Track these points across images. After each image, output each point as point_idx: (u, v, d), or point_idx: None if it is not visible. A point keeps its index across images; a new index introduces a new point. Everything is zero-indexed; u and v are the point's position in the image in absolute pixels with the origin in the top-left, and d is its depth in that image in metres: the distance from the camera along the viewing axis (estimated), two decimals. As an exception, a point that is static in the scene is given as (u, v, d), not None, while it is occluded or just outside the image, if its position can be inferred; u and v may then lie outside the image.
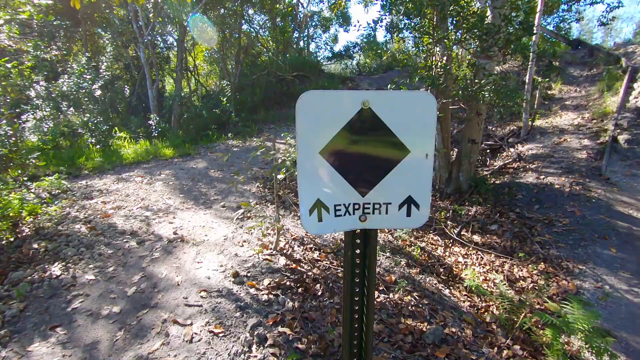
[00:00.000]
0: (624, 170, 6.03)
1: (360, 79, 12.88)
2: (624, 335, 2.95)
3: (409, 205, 1.00)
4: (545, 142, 7.28)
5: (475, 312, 3.12)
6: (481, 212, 5.49)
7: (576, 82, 9.24)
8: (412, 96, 0.95)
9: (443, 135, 6.20)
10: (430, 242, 4.58)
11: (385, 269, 3.46)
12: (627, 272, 3.85)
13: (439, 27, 4.75)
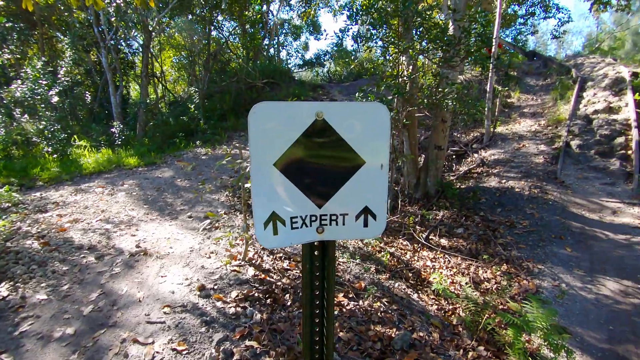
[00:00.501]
0: (577, 174, 6.44)
1: (331, 87, 13.02)
2: (578, 330, 3.12)
3: (365, 215, 1.00)
4: (506, 147, 7.64)
5: (442, 315, 3.19)
6: (448, 216, 5.66)
7: (533, 91, 9.81)
8: (366, 107, 0.96)
9: (410, 142, 6.37)
10: (399, 247, 4.65)
11: (355, 275, 3.47)
12: (581, 270, 4.08)
13: (404, 37, 4.89)
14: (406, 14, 4.25)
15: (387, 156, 0.97)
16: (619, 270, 4.03)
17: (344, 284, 3.25)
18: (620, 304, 3.47)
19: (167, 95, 14.78)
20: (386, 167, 0.97)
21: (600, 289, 3.73)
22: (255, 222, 0.92)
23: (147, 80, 10.70)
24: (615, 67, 8.97)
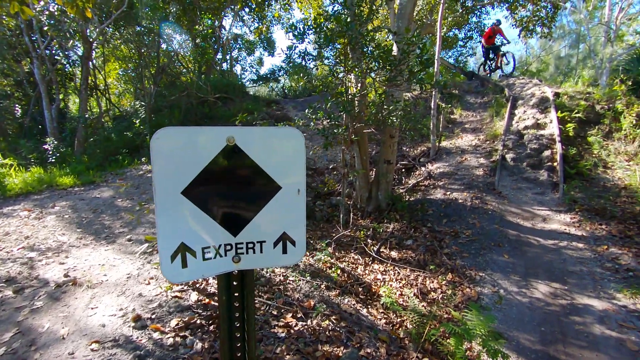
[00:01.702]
0: (512, 184, 6.97)
1: (285, 102, 13.07)
2: (515, 334, 3.30)
3: (284, 242, 0.98)
4: (450, 161, 8.10)
5: (390, 329, 3.22)
6: (398, 229, 5.82)
7: (473, 108, 10.56)
8: (280, 132, 0.95)
9: (361, 157, 6.52)
10: (351, 262, 4.68)
11: (305, 294, 3.42)
12: (517, 275, 4.37)
13: (350, 57, 5.06)
14: (350, 35, 4.40)
15: (303, 181, 0.96)
16: (549, 273, 4.37)
17: (292, 304, 3.18)
18: (550, 306, 3.74)
19: (112, 110, 13.96)
20: (303, 192, 0.96)
21: (534, 293, 4.00)
22: (160, 256, 0.86)
23: (87, 93, 10.03)
24: (540, 87, 9.96)
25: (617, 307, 3.66)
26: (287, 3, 11.90)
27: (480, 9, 14.25)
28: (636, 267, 4.38)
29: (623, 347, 3.09)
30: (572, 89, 9.68)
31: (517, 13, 12.02)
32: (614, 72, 10.20)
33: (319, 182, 7.50)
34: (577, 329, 3.36)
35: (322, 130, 4.74)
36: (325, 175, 7.72)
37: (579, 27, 18.15)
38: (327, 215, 6.49)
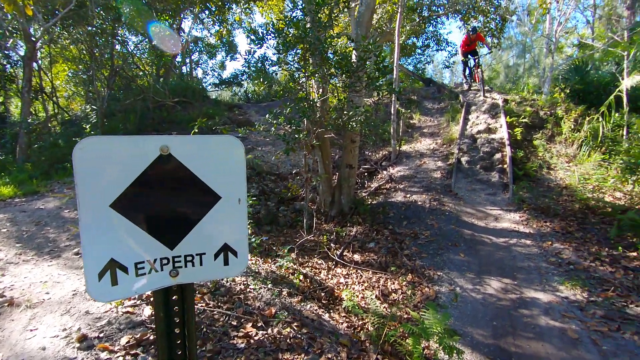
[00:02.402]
0: (467, 186, 7.32)
1: (248, 107, 12.91)
2: (469, 330, 3.45)
3: (225, 253, 0.95)
4: (410, 164, 8.37)
5: (352, 333, 3.25)
6: (361, 232, 5.90)
7: (430, 114, 11.01)
8: (218, 140, 0.93)
9: (324, 162, 6.57)
10: (314, 267, 4.68)
11: (266, 302, 3.37)
12: (472, 273, 4.58)
13: (310, 62, 5.09)
14: (309, 41, 4.44)
15: (244, 190, 0.94)
16: (500, 270, 4.62)
17: (253, 313, 3.12)
18: (501, 301, 3.96)
19: (61, 114, 13.05)
20: (244, 201, 0.95)
21: (487, 289, 4.21)
22: (86, 274, 0.80)
23: (30, 96, 9.31)
24: (491, 94, 10.60)
25: (559, 299, 3.94)
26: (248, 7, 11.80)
27: (436, 19, 14.94)
28: (576, 261, 4.75)
29: (565, 336, 3.33)
30: (519, 96, 10.39)
31: (470, 24, 12.70)
32: (555, 81, 11.07)
33: (283, 187, 7.46)
34: (525, 321, 3.57)
35: (283, 135, 4.72)
36: (288, 180, 7.69)
37: (525, 38, 19.58)
38: (291, 221, 6.46)
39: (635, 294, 3.98)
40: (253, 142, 9.49)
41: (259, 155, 8.50)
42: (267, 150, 8.97)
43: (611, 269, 4.56)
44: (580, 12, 16.17)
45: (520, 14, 17.25)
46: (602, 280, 4.27)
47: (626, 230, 5.24)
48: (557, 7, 12.18)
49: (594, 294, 3.99)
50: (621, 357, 3.03)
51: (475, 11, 12.26)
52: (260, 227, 5.99)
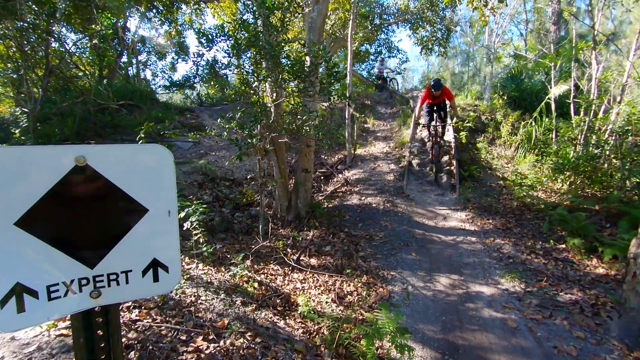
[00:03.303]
0: (418, 188, 7.65)
1: (201, 110, 12.49)
2: (420, 326, 3.58)
3: (155, 269, 0.90)
4: (365, 167, 8.58)
5: (307, 338, 3.24)
6: (317, 235, 5.92)
7: (383, 118, 11.39)
8: (143, 150, 0.88)
9: (280, 166, 6.52)
10: (270, 273, 4.61)
11: (219, 313, 3.25)
12: (423, 271, 4.77)
13: (263, 66, 5.04)
14: (260, 45, 4.39)
15: (174, 201, 0.90)
16: (448, 266, 4.86)
17: (204, 325, 2.99)
18: (450, 296, 4.16)
19: (-15, 117, 11.71)
20: (174, 213, 0.90)
21: (437, 286, 4.40)
22: (-17, 302, 0.71)
23: (-54, 97, 8.25)
24: (439, 100, 11.19)
25: (501, 291, 4.23)
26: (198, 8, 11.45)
27: (387, 27, 15.52)
28: (515, 255, 5.13)
29: (505, 326, 3.57)
30: (463, 102, 11.08)
31: (418, 33, 13.34)
32: (495, 88, 11.98)
33: (238, 193, 7.29)
34: (470, 314, 3.79)
35: (235, 140, 4.62)
36: (244, 185, 7.53)
37: (468, 48, 20.98)
38: (247, 227, 6.32)
39: (564, 283, 4.38)
40: (206, 146, 9.19)
41: (213, 161, 8.25)
42: (221, 155, 8.73)
43: (544, 260, 4.99)
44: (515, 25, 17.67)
45: (463, 25, 18.47)
46: (536, 272, 4.65)
47: (556, 225, 5.76)
48: (495, 20, 13.20)
49: (530, 285, 4.34)
50: (553, 342, 3.31)
51: (423, 21, 12.91)
52: (214, 235, 5.80)
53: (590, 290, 4.20)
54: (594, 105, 7.60)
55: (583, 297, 4.04)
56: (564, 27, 14.86)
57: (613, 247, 4.86)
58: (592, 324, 3.57)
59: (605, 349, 3.19)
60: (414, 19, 12.80)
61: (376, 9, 13.91)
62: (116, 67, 12.48)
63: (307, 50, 4.72)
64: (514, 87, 10.87)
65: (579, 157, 6.75)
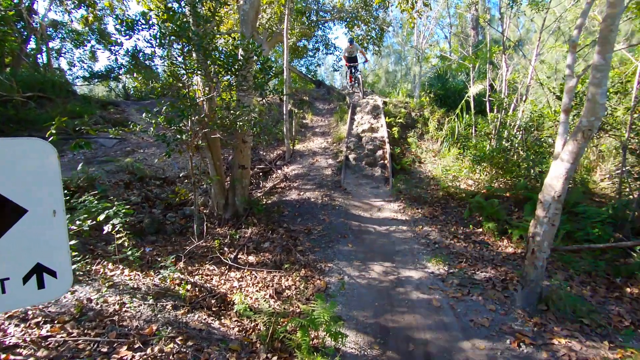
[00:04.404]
0: (354, 181, 7.93)
1: (127, 104, 11.53)
2: (355, 313, 3.74)
3: (39, 275, 0.82)
4: (303, 163, 8.65)
5: (243, 336, 3.20)
6: (256, 233, 5.85)
7: (321, 114, 11.57)
8: (20, 144, 0.79)
9: (215, 163, 6.30)
10: (205, 274, 4.45)
11: (146, 319, 3.06)
12: (358, 261, 4.97)
13: (192, 58, 4.80)
14: (187, 36, 4.18)
15: (60, 200, 0.82)
16: (382, 255, 5.13)
17: (129, 334, 2.80)
18: (383, 283, 4.40)
19: None
20: (61, 212, 0.83)
21: (371, 274, 4.63)
22: None
23: None
24: (373, 96, 11.68)
25: (427, 274, 4.58)
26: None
27: (323, 23, 15.73)
28: (440, 240, 5.59)
29: (430, 305, 3.88)
30: (395, 99, 11.69)
31: (354, 31, 13.71)
32: (423, 87, 12.81)
33: (170, 192, 6.90)
34: (401, 298, 4.05)
35: (162, 136, 4.35)
36: (176, 184, 7.14)
37: (400, 48, 22.13)
38: (180, 228, 6.02)
39: (481, 262, 4.88)
40: (133, 144, 8.53)
41: (141, 159, 7.68)
42: (151, 152, 8.17)
43: (465, 244, 5.51)
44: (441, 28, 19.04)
45: (395, 26, 19.42)
46: (458, 254, 5.12)
47: (475, 211, 6.38)
48: (423, 22, 14.09)
49: (452, 267, 4.76)
50: (470, 316, 3.68)
51: (358, 20, 13.31)
52: (143, 238, 5.43)
53: (501, 267, 4.74)
54: (505, 103, 8.52)
55: (495, 274, 4.55)
56: (482, 32, 16.38)
57: (520, 229, 5.53)
58: (502, 297, 4.03)
59: (511, 318, 3.63)
60: (349, 17, 13.14)
61: (312, 5, 14.00)
62: (21, 54, 10.96)
63: (238, 43, 4.60)
64: (440, 86, 11.73)
65: (493, 150, 7.54)
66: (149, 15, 4.36)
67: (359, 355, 3.09)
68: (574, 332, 3.37)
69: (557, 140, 3.56)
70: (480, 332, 3.41)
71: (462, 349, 3.17)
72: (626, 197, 5.85)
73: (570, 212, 5.61)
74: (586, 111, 3.21)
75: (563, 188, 3.40)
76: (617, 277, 4.43)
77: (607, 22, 3.04)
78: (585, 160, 8.25)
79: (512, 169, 7.38)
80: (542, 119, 7.69)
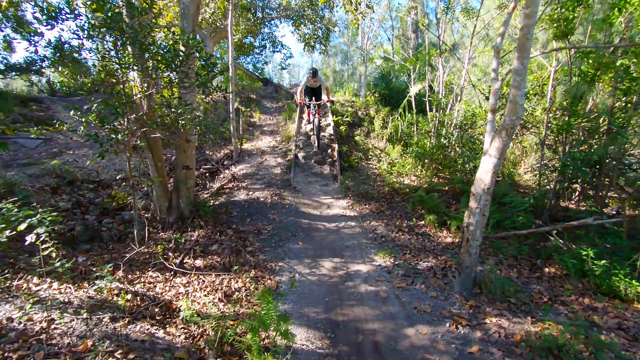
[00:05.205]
0: (304, 180, 7.98)
1: (53, 101, 10.43)
2: (306, 310, 3.78)
3: None
4: (252, 162, 8.51)
5: (190, 343, 3.08)
6: (203, 235, 5.65)
7: (269, 112, 11.46)
8: None
9: (156, 164, 5.95)
10: (147, 282, 4.21)
11: (80, 335, 2.82)
12: (309, 258, 5.02)
13: (127, 52, 4.49)
14: (120, 28, 3.90)
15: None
16: (331, 251, 5.23)
17: (59, 353, 2.56)
18: (332, 278, 4.49)
19: None
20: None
21: (321, 270, 4.70)
22: None
23: None
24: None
25: (375, 267, 4.77)
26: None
27: (270, 21, 15.56)
28: (386, 234, 5.83)
29: (378, 297, 4.05)
30: (342, 98, 11.96)
31: (301, 30, 13.74)
32: (369, 86, 13.25)
33: (106, 196, 6.39)
34: (350, 291, 4.17)
35: (94, 136, 4.02)
36: (113, 187, 6.64)
37: (347, 48, 22.64)
38: (119, 234, 5.61)
39: (423, 253, 5.19)
40: (61, 144, 7.75)
41: (70, 161, 7.02)
42: (82, 153, 7.49)
43: (409, 236, 5.81)
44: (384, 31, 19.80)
45: (341, 26, 19.83)
46: (403, 247, 5.39)
47: (417, 205, 6.76)
48: (367, 24, 14.56)
49: (398, 258, 5.00)
50: (414, 304, 3.90)
51: (304, 19, 13.36)
52: (75, 247, 4.98)
53: (441, 256, 5.08)
54: (442, 103, 9.12)
55: (436, 263, 4.87)
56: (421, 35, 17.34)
57: (457, 220, 5.97)
58: (442, 284, 4.33)
59: (450, 302, 3.92)
60: (295, 15, 13.14)
61: (258, 2, 13.79)
62: None
63: (178, 38, 4.39)
64: (384, 86, 12.22)
65: (433, 147, 8.04)
66: (75, 3, 3.99)
67: (310, 350, 3.14)
68: (503, 310, 3.73)
69: (485, 138, 3.89)
70: (423, 318, 3.64)
71: (406, 335, 3.36)
72: (544, 188, 6.58)
73: (500, 202, 6.17)
74: (509, 111, 3.55)
75: (491, 181, 3.74)
76: (538, 259, 4.97)
77: (524, 31, 3.39)
78: (512, 155, 9.13)
79: (450, 164, 7.93)
80: (475, 118, 8.36)
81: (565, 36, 5.66)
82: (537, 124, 7.13)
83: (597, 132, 5.77)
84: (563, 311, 3.77)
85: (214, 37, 12.07)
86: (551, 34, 5.89)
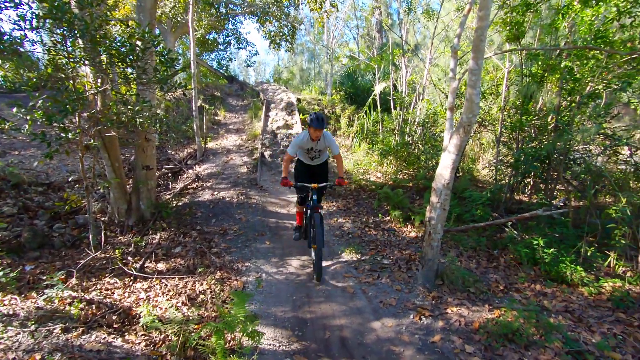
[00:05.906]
0: (271, 178, 7.90)
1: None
2: (273, 310, 3.75)
3: None
4: (217, 161, 8.30)
5: (151, 350, 2.96)
6: (165, 238, 5.44)
7: (235, 110, 11.23)
8: None
9: (113, 164, 5.66)
10: (105, 288, 3.99)
11: (27, 349, 2.62)
12: (276, 258, 4.98)
13: (77, 46, 4.21)
14: (68, 19, 3.64)
15: None
16: (299, 249, 5.22)
17: (3, 370, 2.37)
18: (300, 276, 4.48)
19: None
20: None
21: (288, 269, 4.68)
22: None
23: None
24: (287, 93, 11.75)
25: (342, 263, 4.81)
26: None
27: (234, 17, 15.23)
28: (353, 230, 5.91)
29: (345, 293, 4.09)
30: (309, 96, 11.96)
31: (266, 27, 13.57)
32: (335, 85, 13.34)
33: (57, 199, 5.98)
34: (317, 289, 4.18)
35: (40, 135, 3.74)
36: (65, 190, 6.23)
37: (313, 46, 22.65)
38: (72, 239, 5.29)
39: (389, 248, 5.31)
40: (4, 144, 7.16)
41: (15, 162, 6.50)
42: (29, 154, 6.96)
43: (375, 232, 5.92)
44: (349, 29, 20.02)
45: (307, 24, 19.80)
46: (369, 242, 5.48)
47: (383, 201, 6.91)
48: (332, 23, 14.64)
49: (364, 254, 5.08)
50: (380, 298, 3.98)
51: (269, 15, 13.20)
52: (22, 255, 4.63)
53: (405, 250, 5.22)
54: (406, 102, 9.37)
55: (400, 257, 5.00)
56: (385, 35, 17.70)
57: (420, 215, 6.16)
58: (406, 277, 4.45)
59: (414, 295, 4.04)
60: (260, 12, 12.96)
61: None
62: None
63: (133, 32, 4.18)
64: (350, 84, 12.35)
65: (398, 145, 8.24)
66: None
67: (277, 350, 3.11)
68: (463, 300, 3.90)
69: (445, 135, 4.04)
70: (388, 312, 3.72)
71: (373, 329, 3.42)
72: (500, 182, 6.95)
73: (460, 197, 6.44)
74: (465, 109, 3.71)
75: (451, 176, 3.89)
76: (495, 250, 5.25)
77: (478, 32, 3.55)
78: (471, 152, 9.57)
79: (414, 161, 8.17)
80: (436, 116, 8.67)
81: (517, 39, 6.00)
82: (494, 121, 7.51)
83: (546, 129, 6.17)
84: (517, 297, 4.01)
85: (175, 32, 11.64)
86: (504, 36, 6.21)
